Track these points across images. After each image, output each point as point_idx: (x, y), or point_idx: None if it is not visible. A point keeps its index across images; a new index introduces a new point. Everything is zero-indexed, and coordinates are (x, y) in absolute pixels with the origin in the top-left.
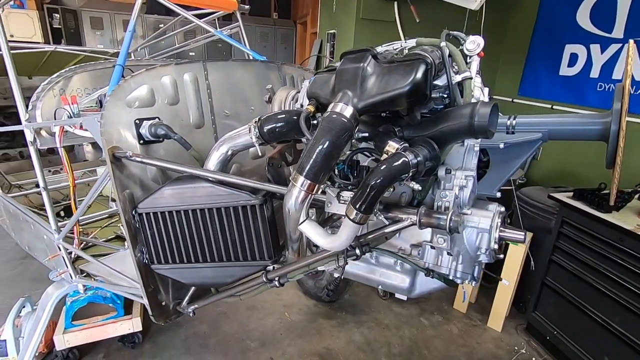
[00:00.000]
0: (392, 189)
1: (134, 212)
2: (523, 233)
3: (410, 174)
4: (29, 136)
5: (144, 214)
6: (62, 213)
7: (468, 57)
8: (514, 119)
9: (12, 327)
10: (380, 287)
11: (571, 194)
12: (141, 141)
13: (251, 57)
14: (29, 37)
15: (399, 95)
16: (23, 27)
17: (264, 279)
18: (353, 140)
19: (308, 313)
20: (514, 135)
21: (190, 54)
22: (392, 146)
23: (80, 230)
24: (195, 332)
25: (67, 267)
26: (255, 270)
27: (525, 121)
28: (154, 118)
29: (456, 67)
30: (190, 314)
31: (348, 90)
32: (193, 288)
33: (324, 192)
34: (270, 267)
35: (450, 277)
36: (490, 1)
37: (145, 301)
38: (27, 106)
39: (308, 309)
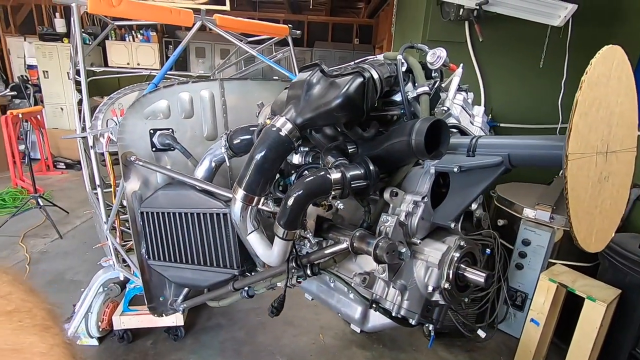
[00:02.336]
0: (324, 206)
1: (139, 211)
2: (484, 274)
3: (334, 192)
4: (90, 141)
5: (144, 213)
6: None
7: (433, 72)
8: (477, 139)
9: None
10: (338, 314)
11: None
12: (154, 149)
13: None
14: (150, 65)
15: (330, 110)
16: (147, 57)
17: (231, 287)
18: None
19: (343, 339)
20: (473, 158)
21: (274, 77)
22: (327, 161)
23: None
24: (233, 336)
25: (111, 255)
26: (226, 278)
27: (488, 142)
28: (168, 129)
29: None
30: (181, 312)
31: (293, 104)
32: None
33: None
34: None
35: (393, 314)
36: (579, 14)
37: (144, 292)
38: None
39: (344, 334)
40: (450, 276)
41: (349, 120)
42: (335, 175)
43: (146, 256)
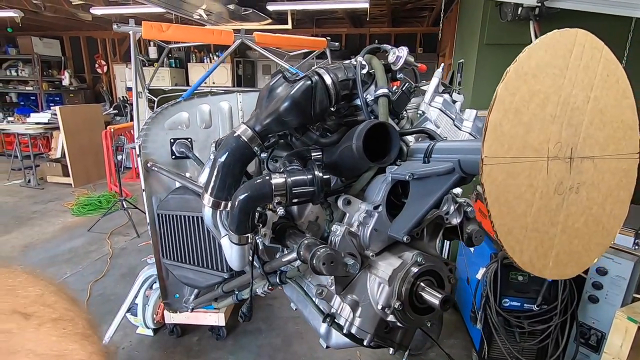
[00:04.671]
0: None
1: (156, 213)
2: (440, 296)
3: (278, 197)
4: (137, 150)
5: (158, 215)
6: None
7: (398, 73)
8: (434, 144)
9: (143, 296)
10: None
11: None
12: (173, 156)
13: None
14: (223, 83)
15: (279, 115)
16: (221, 76)
17: (220, 290)
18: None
19: (381, 359)
20: (428, 164)
21: None
22: (281, 166)
23: None
24: (270, 342)
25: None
26: (218, 280)
27: (443, 147)
28: (187, 139)
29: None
30: (189, 310)
31: (257, 111)
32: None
33: None
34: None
35: (344, 331)
36: None
37: (160, 289)
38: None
39: (382, 354)
40: (403, 295)
41: (300, 125)
42: (276, 180)
43: (161, 255)
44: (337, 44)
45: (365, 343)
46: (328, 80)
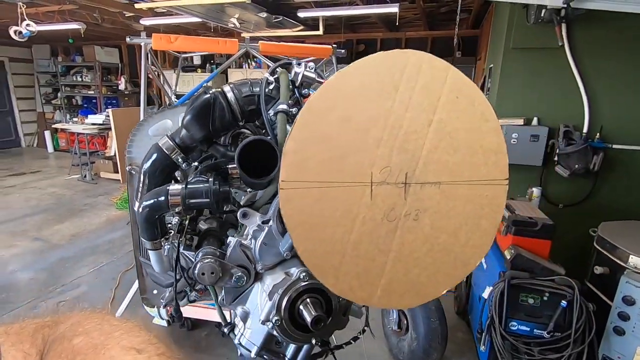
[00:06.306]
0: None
1: None
2: (313, 314)
3: (177, 207)
4: None
5: None
6: None
7: (302, 89)
8: None
9: None
10: None
11: None
12: None
13: None
14: None
15: (185, 128)
16: None
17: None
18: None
19: None
20: None
21: None
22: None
23: None
24: None
25: None
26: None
27: None
28: None
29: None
30: (162, 306)
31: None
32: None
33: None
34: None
35: (235, 341)
36: None
37: (139, 284)
38: None
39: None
40: (282, 309)
41: (205, 138)
42: (173, 190)
43: (139, 252)
44: (343, 51)
45: (252, 355)
46: (230, 95)
